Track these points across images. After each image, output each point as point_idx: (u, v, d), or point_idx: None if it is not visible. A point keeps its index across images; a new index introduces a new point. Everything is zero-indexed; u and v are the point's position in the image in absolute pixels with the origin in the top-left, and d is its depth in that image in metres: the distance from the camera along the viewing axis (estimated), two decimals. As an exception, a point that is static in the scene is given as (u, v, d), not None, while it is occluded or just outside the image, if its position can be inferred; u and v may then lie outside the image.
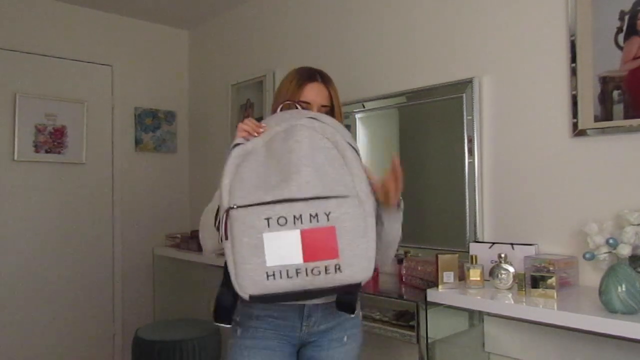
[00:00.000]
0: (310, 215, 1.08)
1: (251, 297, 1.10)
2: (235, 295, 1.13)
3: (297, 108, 1.35)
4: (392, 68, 2.36)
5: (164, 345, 2.60)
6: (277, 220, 1.08)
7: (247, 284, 1.09)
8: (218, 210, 1.16)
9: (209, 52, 3.66)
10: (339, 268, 1.08)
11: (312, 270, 1.08)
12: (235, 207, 1.09)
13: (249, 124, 1.21)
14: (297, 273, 1.08)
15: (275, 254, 1.08)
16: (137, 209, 3.52)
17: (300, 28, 2.88)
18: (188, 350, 2.61)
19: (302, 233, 1.08)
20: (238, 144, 1.18)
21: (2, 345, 2.92)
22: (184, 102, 3.82)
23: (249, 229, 1.08)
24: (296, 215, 1.08)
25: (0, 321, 2.93)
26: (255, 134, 1.19)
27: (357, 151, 1.18)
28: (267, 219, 1.08)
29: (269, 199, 1.08)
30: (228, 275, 1.13)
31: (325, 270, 1.08)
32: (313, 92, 1.42)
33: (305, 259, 1.08)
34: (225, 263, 1.14)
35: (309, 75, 1.45)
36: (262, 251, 1.08)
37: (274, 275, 1.08)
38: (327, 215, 1.08)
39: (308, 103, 1.41)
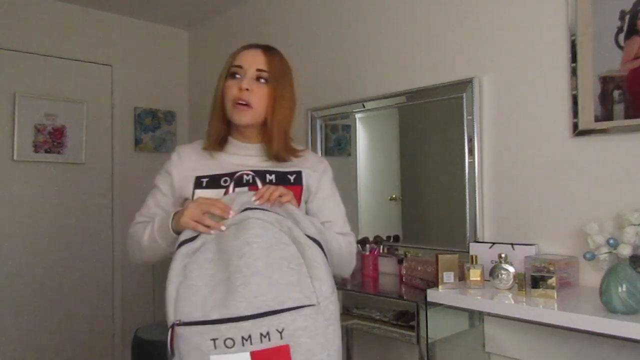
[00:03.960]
0: (261, 334, 0.98)
1: None
2: None
3: (251, 175, 1.23)
4: (392, 68, 2.36)
5: (164, 345, 2.59)
6: (224, 342, 0.99)
7: None
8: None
9: (209, 52, 3.66)
10: None
11: None
12: (179, 322, 1.02)
13: (220, 207, 1.10)
14: None
15: None
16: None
17: (299, 28, 2.88)
18: (188, 350, 2.60)
19: (253, 355, 0.98)
20: (185, 242, 1.09)
21: (2, 344, 2.92)
22: (183, 102, 3.82)
23: (194, 350, 1.01)
24: (244, 336, 0.98)
25: (0, 321, 2.93)
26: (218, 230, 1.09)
27: (319, 243, 1.08)
28: (214, 340, 0.99)
29: (214, 316, 0.99)
30: None
31: None
32: (248, 57, 1.32)
33: None
34: None
35: (248, 44, 1.37)
36: None
37: None
38: (280, 333, 0.99)
39: (240, 67, 1.31)
